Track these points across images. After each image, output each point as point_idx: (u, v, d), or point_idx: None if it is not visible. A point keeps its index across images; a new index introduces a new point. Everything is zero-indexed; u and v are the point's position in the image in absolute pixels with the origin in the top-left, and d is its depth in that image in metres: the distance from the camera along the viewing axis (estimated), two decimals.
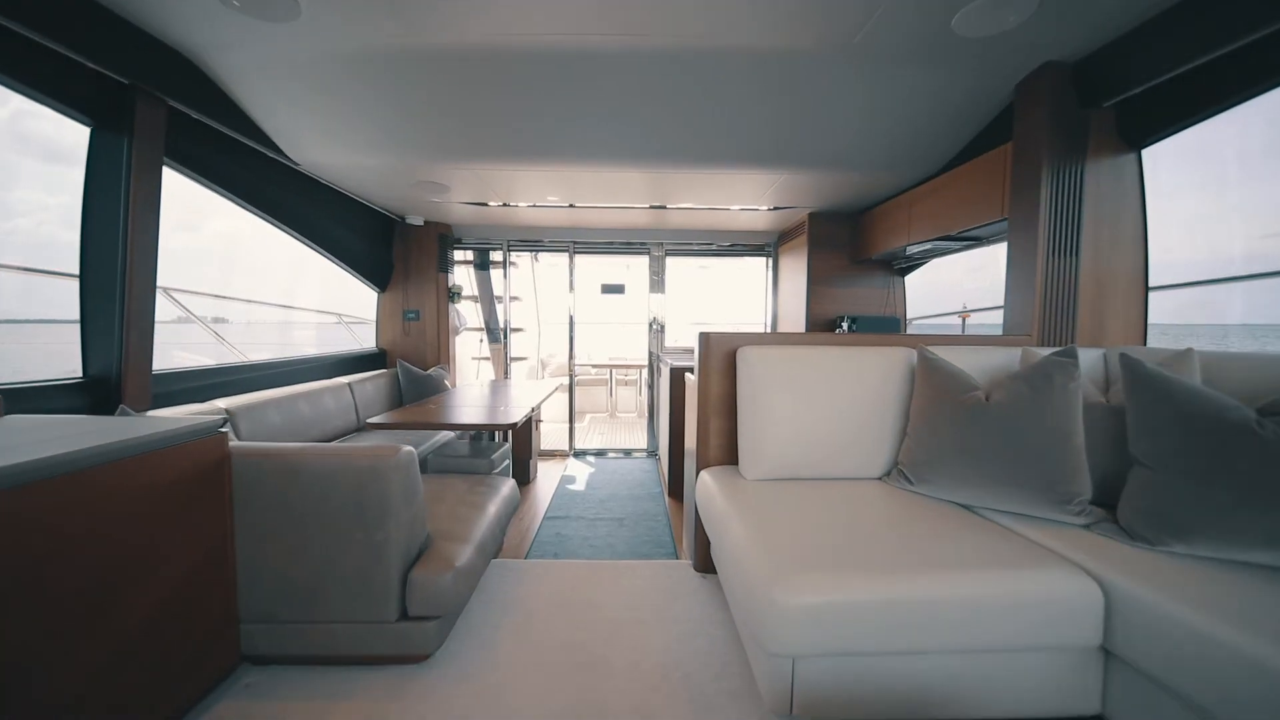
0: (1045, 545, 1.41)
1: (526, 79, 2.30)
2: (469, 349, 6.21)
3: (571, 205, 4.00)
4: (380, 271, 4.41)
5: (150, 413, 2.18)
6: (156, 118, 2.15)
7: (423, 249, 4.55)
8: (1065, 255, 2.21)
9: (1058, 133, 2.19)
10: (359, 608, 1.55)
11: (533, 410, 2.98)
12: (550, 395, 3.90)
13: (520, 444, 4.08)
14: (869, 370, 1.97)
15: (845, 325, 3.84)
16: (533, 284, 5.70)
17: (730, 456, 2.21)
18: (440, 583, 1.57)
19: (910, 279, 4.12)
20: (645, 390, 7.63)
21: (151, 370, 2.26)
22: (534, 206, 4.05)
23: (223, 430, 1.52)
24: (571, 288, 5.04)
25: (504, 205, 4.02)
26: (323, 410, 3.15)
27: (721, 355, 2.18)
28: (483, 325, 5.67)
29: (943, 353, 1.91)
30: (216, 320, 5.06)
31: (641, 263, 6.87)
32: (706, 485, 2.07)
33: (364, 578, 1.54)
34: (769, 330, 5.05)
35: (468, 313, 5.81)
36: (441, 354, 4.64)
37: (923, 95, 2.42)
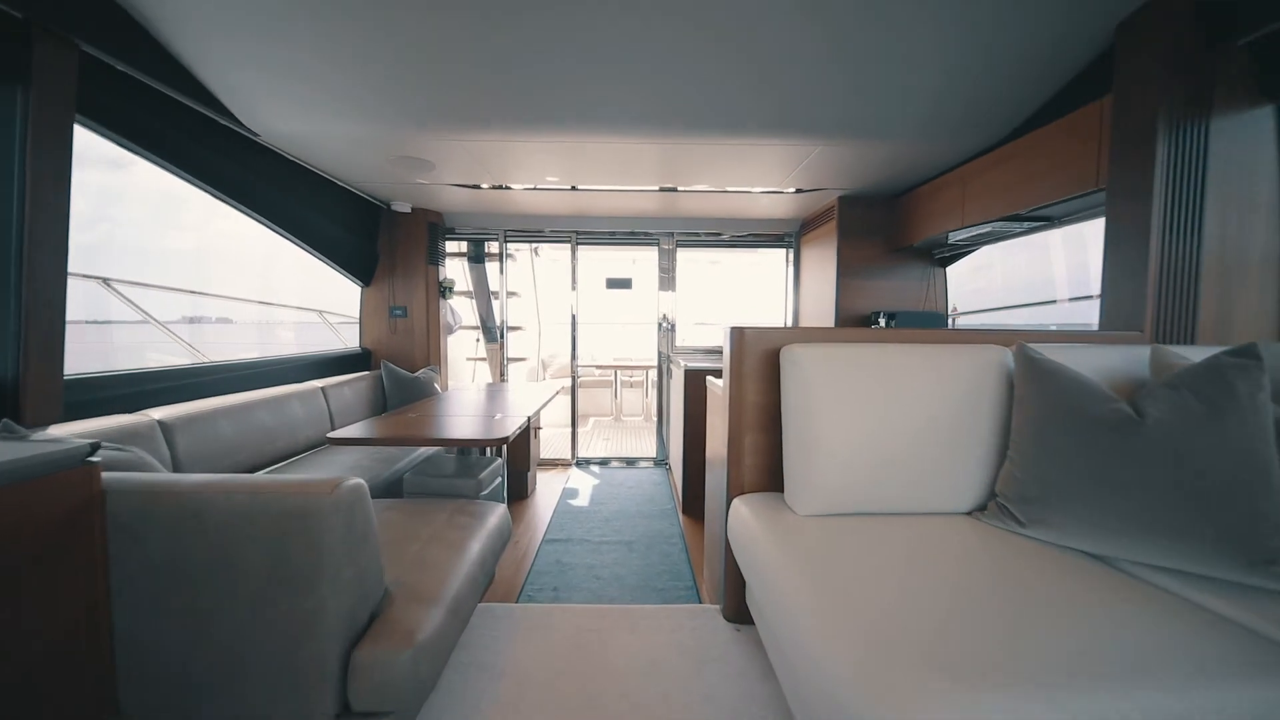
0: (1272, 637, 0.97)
1: (519, 24, 1.89)
2: (464, 349, 5.80)
3: (573, 188, 3.58)
4: (364, 264, 4.01)
5: (57, 428, 1.77)
6: (64, 65, 1.74)
7: (411, 239, 4.14)
8: (1185, 233, 1.78)
9: (1174, 81, 1.76)
10: (281, 702, 1.13)
11: (530, 419, 2.56)
12: (551, 400, 3.49)
13: (517, 455, 3.66)
14: (951, 374, 1.55)
15: (883, 322, 3.41)
16: (532, 279, 5.30)
17: (771, 481, 1.79)
18: (395, 665, 1.15)
19: (953, 270, 3.69)
20: (652, 392, 7.22)
21: (63, 374, 1.85)
22: (532, 189, 3.63)
23: (93, 460, 1.11)
24: (574, 283, 4.62)
25: (499, 188, 3.60)
26: (288, 419, 2.74)
27: (759, 356, 1.76)
28: (478, 323, 5.26)
29: (1044, 351, 1.49)
30: (221, 320, 4.68)
31: (649, 257, 6.44)
32: (742, 519, 1.66)
33: (288, 660, 1.12)
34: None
35: (463, 310, 5.40)
36: (432, 354, 4.23)
37: (996, 42, 2.00)
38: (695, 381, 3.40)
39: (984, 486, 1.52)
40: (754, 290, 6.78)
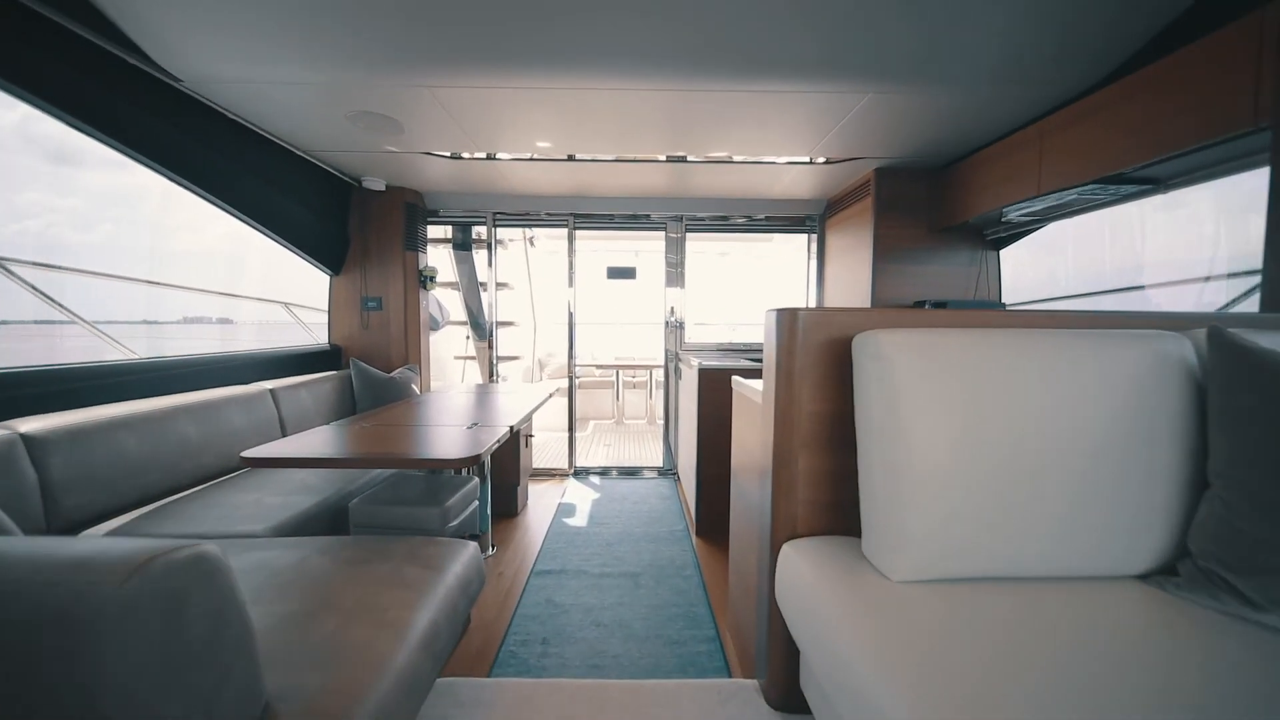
0: None
1: None
2: (453, 346, 5.32)
3: (570, 158, 3.10)
4: (331, 249, 3.53)
5: None
6: None
7: (386, 222, 3.66)
8: None
9: None
10: None
11: (515, 428, 2.08)
12: (544, 403, 3.01)
13: (505, 466, 3.18)
14: (1106, 372, 1.06)
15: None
16: (526, 269, 4.83)
17: (836, 520, 1.31)
18: None
19: (1007, 254, 3.20)
20: (657, 394, 6.74)
21: None
22: (523, 160, 3.15)
23: None
24: (572, 272, 4.14)
25: (484, 159, 3.12)
26: (221, 430, 2.26)
27: (819, 348, 1.27)
28: (467, 318, 4.78)
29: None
30: (222, 320, 4.22)
31: (654, 248, 5.97)
32: (797, 574, 1.18)
33: None
34: None
35: (451, 304, 4.93)
36: (411, 352, 3.75)
37: None
38: (712, 383, 2.91)
39: (1168, 538, 1.04)
40: (768, 283, 6.30)
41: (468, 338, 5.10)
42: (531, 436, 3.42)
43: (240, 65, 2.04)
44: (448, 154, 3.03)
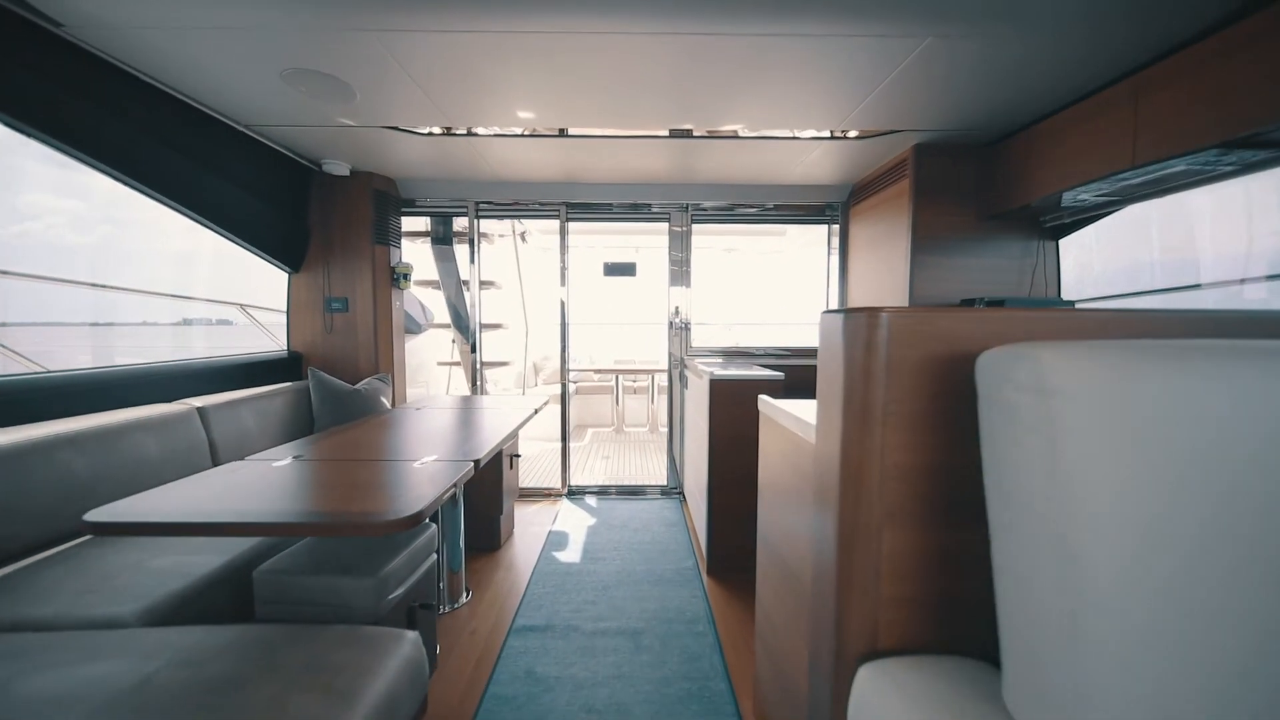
0: None
1: None
2: (438, 351, 4.89)
3: (561, 133, 2.66)
4: (289, 243, 3.09)
5: None
6: None
7: (352, 212, 3.22)
8: None
9: None
10: None
11: (479, 464, 1.64)
12: (530, 419, 2.57)
13: (484, 494, 2.75)
14: None
15: None
16: (516, 265, 4.40)
17: (944, 632, 0.87)
18: None
19: (1067, 243, 2.75)
20: (659, 399, 6.30)
21: None
22: (505, 136, 2.71)
23: None
24: (564, 267, 3.70)
25: (459, 135, 2.68)
26: (124, 462, 1.82)
27: (916, 369, 0.83)
28: (451, 321, 4.34)
29: None
30: (221, 322, 3.80)
31: (655, 243, 5.54)
32: (887, 713, 0.74)
33: None
34: None
35: (435, 304, 4.49)
36: (381, 359, 3.31)
37: None
38: (726, 397, 2.48)
39: None
40: (780, 281, 5.86)
41: (454, 342, 4.67)
42: (518, 456, 2.98)
43: (132, 3, 1.60)
44: (416, 129, 2.60)
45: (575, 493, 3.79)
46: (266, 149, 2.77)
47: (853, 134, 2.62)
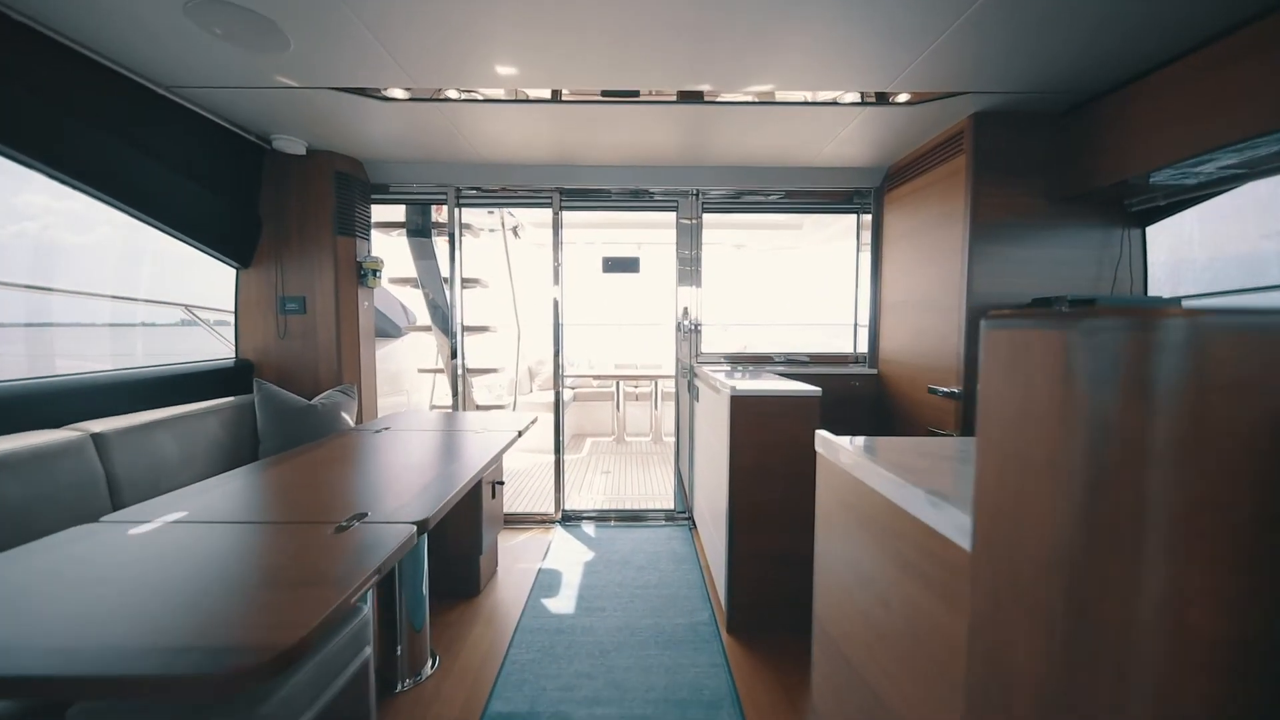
0: None
1: None
2: (421, 356, 4.44)
3: (554, 97, 2.22)
4: (235, 234, 2.65)
5: None
6: None
7: (310, 197, 2.78)
8: None
9: None
10: None
11: (425, 525, 1.19)
12: (512, 444, 2.13)
13: (460, 531, 2.31)
14: None
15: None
16: (506, 259, 3.96)
17: None
18: None
19: (1156, 231, 2.30)
20: (663, 405, 5.86)
21: None
22: (485, 102, 2.27)
23: None
24: (558, 262, 3.25)
25: (430, 99, 2.24)
26: None
27: (1257, 429, 0.37)
28: (433, 323, 3.90)
29: None
30: (220, 323, 3.37)
31: (658, 237, 5.10)
32: None
33: None
34: (869, 331, 3.24)
35: (415, 305, 4.05)
36: (346, 367, 2.87)
37: None
38: (752, 417, 2.04)
39: None
40: (793, 280, 5.41)
41: (439, 347, 4.22)
42: (500, 484, 2.54)
43: None
44: (377, 92, 2.15)
45: (570, 518, 3.34)
46: (203, 122, 2.33)
47: (903, 98, 2.17)
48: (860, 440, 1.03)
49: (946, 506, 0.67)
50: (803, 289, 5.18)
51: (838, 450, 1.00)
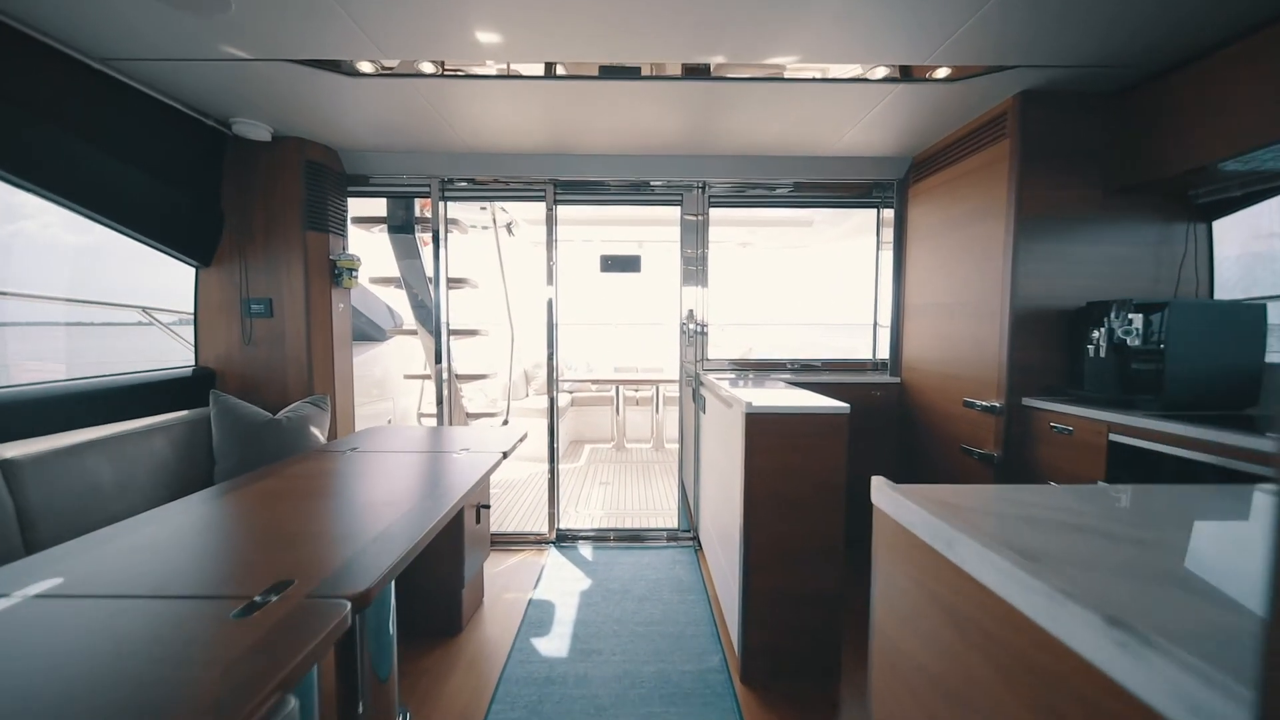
0: None
1: None
2: (406, 361, 4.18)
3: (548, 72, 1.95)
4: (194, 231, 2.40)
5: None
6: None
7: (276, 188, 2.52)
8: None
9: None
10: None
11: (363, 603, 0.93)
12: (498, 466, 1.87)
13: (440, 563, 2.05)
14: None
15: (1136, 324, 1.76)
16: (499, 260, 3.70)
17: None
18: None
19: (1224, 226, 2.04)
20: (665, 409, 5.59)
21: None
22: (469, 78, 2.01)
23: None
24: (552, 268, 2.99)
25: (395, 73, 1.98)
26: None
27: None
28: (420, 326, 3.64)
29: None
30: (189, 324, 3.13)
31: (663, 234, 4.83)
32: None
33: None
34: (891, 335, 2.98)
35: (400, 307, 3.80)
36: (318, 376, 2.61)
37: None
38: (772, 440, 1.78)
39: None
40: (804, 281, 5.15)
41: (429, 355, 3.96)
42: (486, 507, 2.28)
43: None
44: (338, 63, 1.89)
45: (565, 539, 3.08)
46: (148, 101, 2.07)
47: (941, 73, 1.91)
48: (943, 492, 0.77)
49: (1150, 657, 0.41)
50: (813, 290, 4.92)
51: (911, 512, 0.74)
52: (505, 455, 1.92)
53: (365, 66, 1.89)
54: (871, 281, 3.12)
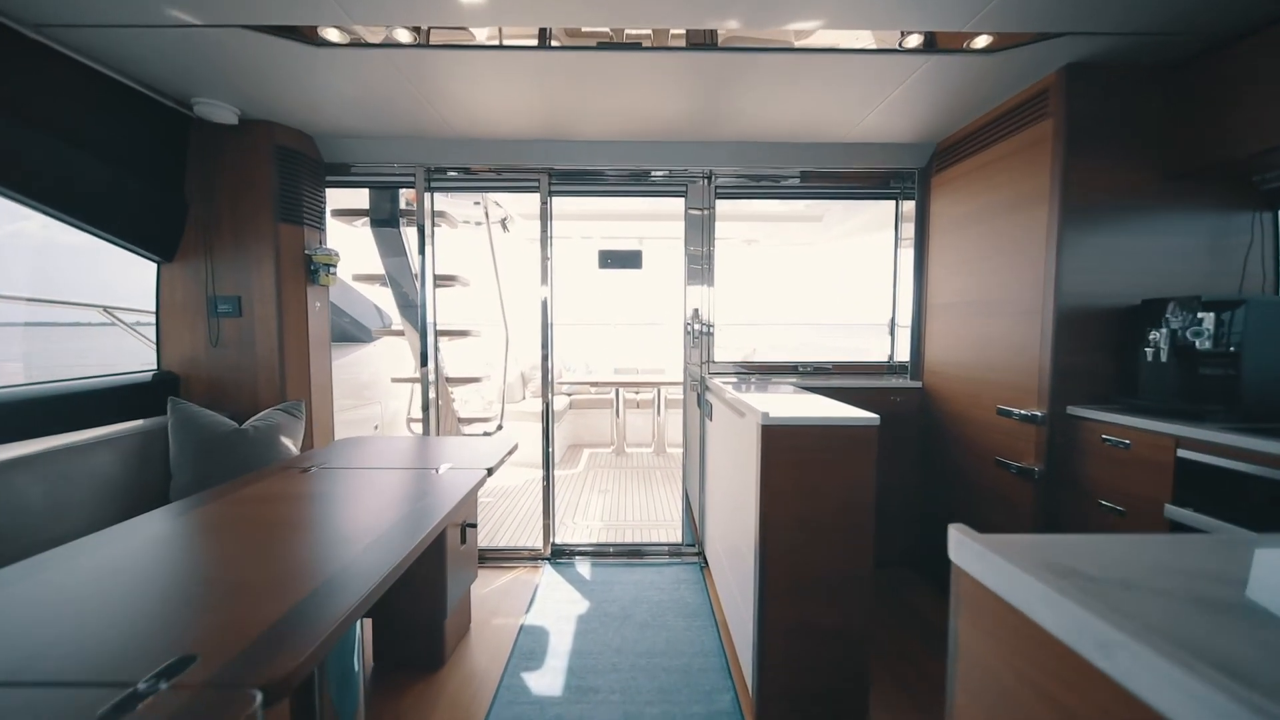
0: None
1: None
2: (395, 363, 3.97)
3: (541, 41, 1.75)
4: (154, 223, 2.19)
5: None
6: None
7: (245, 176, 2.31)
8: None
9: None
10: None
11: (303, 671, 0.73)
12: (483, 483, 1.67)
13: (419, 592, 1.84)
14: None
15: (1183, 321, 1.55)
16: (492, 256, 3.50)
17: None
18: None
19: None
20: (666, 412, 5.39)
21: None
22: (452, 48, 1.80)
23: None
24: (547, 264, 2.78)
25: (368, 44, 1.78)
26: None
27: None
28: (408, 327, 3.43)
29: None
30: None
31: (664, 230, 4.62)
32: None
33: None
34: (911, 336, 2.77)
35: (389, 304, 3.59)
36: (292, 381, 2.40)
37: None
38: (794, 457, 1.58)
39: None
40: (811, 278, 4.94)
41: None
42: (472, 526, 2.07)
43: None
44: (301, 30, 1.68)
45: (561, 555, 2.87)
46: (101, 80, 1.86)
47: (980, 41, 1.70)
48: (1064, 549, 0.56)
49: None
50: (821, 289, 4.71)
51: (1025, 588, 0.53)
52: (490, 472, 1.71)
53: (333, 34, 1.68)
54: (887, 279, 2.92)
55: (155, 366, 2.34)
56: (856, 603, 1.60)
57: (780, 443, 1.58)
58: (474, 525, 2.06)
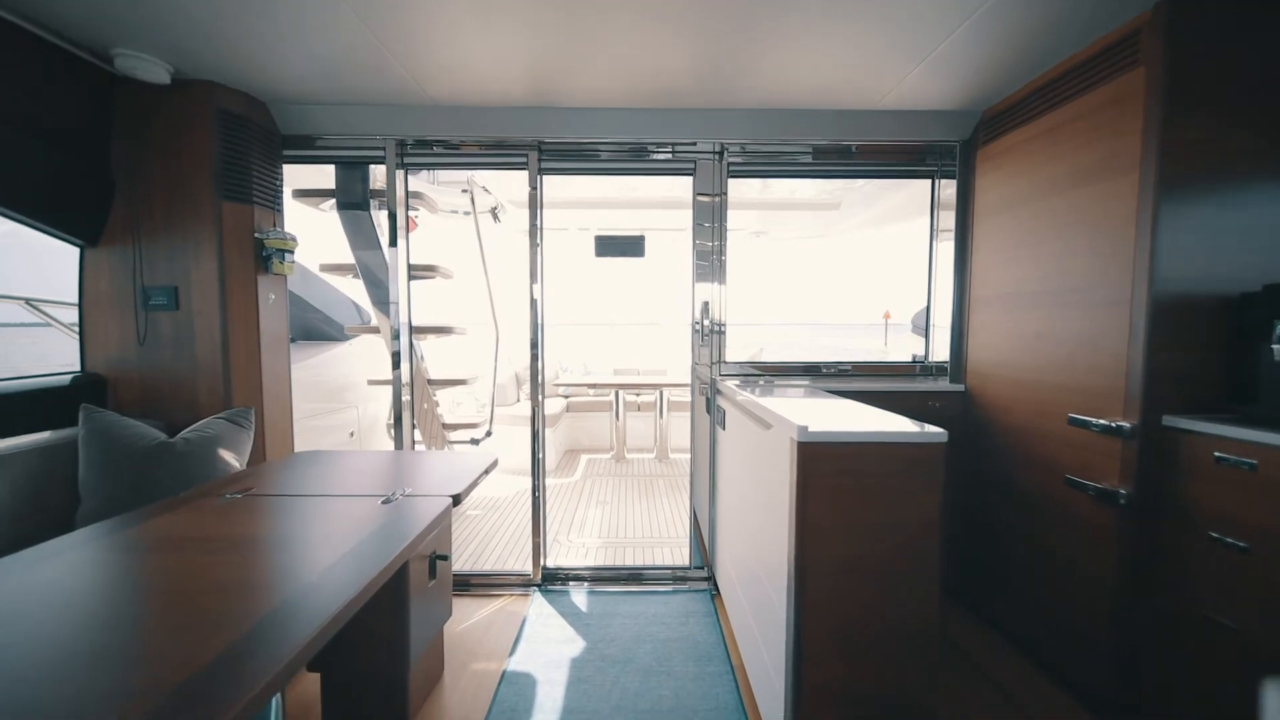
0: None
1: None
2: (375, 364, 3.64)
3: None
4: (72, 201, 1.86)
5: None
6: None
7: (179, 146, 1.98)
8: None
9: None
10: None
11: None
12: (448, 512, 1.34)
13: (373, 640, 1.52)
14: None
15: None
16: (479, 245, 3.16)
17: None
18: None
19: None
20: (669, 414, 5.06)
21: None
22: None
23: None
24: (536, 252, 2.45)
25: None
26: None
27: None
28: (382, 321, 3.09)
29: None
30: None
31: (667, 220, 4.29)
32: None
33: None
34: (952, 334, 2.44)
35: (362, 297, 3.26)
36: (238, 386, 2.07)
37: None
38: (834, 481, 1.25)
39: None
40: (825, 270, 4.59)
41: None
42: (444, 559, 1.74)
43: None
44: None
45: (553, 580, 2.54)
46: (12, 28, 1.53)
47: None
48: None
49: None
50: (839, 282, 4.37)
51: None
52: (457, 501, 1.39)
53: None
54: (913, 269, 2.60)
55: (79, 367, 2.01)
56: (918, 666, 1.28)
57: (821, 465, 1.25)
58: (446, 557, 1.73)
